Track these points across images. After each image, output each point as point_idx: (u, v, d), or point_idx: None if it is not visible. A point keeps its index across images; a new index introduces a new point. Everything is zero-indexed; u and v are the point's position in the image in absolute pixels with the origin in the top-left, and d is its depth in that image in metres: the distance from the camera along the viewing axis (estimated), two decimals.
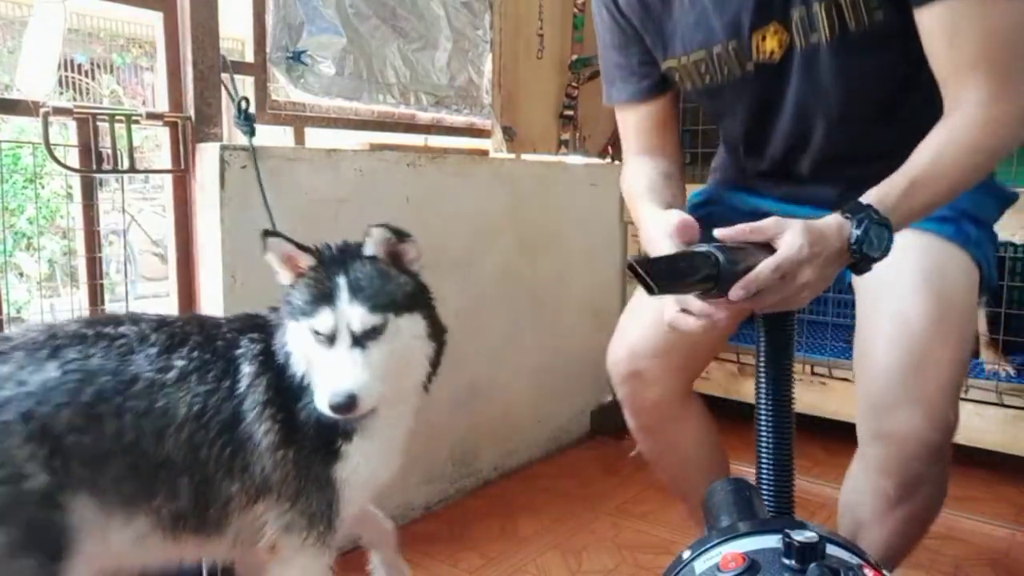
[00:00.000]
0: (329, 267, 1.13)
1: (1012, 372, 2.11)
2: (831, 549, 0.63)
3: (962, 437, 2.02)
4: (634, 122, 1.26)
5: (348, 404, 1.04)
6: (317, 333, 1.09)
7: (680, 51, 1.14)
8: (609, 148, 2.64)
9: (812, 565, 0.60)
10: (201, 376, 1.10)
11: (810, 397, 2.21)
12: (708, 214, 1.31)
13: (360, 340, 1.08)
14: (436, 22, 2.16)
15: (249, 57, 1.76)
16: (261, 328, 1.18)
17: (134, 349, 1.08)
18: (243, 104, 1.58)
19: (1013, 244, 2.16)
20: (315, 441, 1.14)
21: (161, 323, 1.14)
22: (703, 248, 0.83)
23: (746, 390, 2.39)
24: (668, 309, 0.95)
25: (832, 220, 0.87)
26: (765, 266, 0.82)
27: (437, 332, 1.19)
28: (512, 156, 2.33)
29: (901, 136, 1.00)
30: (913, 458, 1.02)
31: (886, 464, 1.05)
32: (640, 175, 1.21)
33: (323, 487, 1.15)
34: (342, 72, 1.93)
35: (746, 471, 0.99)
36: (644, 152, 1.25)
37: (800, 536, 0.61)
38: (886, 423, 1.03)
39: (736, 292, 0.82)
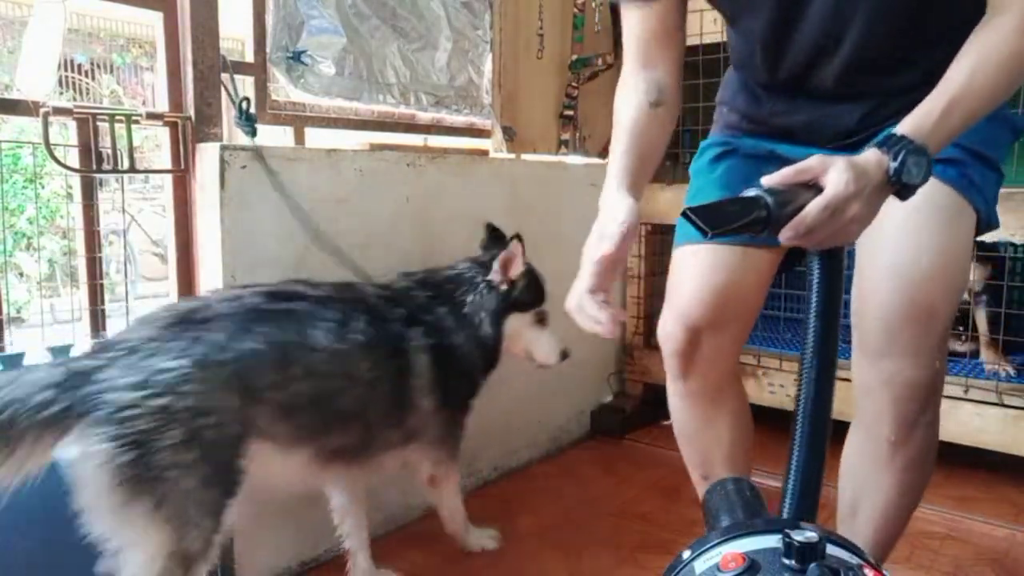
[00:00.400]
0: (532, 270, 1.67)
1: (1012, 372, 2.11)
2: (831, 549, 0.63)
3: (962, 437, 2.03)
4: (638, 23, 1.19)
5: (566, 354, 1.71)
6: (542, 318, 1.68)
7: None
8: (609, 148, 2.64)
9: (812, 565, 0.60)
10: (375, 351, 1.40)
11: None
12: (729, 168, 1.30)
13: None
14: (436, 22, 2.16)
15: (249, 57, 1.76)
16: (423, 320, 1.53)
17: (313, 324, 1.34)
18: (244, 104, 1.58)
19: (1013, 244, 2.16)
20: (461, 402, 1.62)
21: (327, 299, 1.41)
22: (752, 192, 0.84)
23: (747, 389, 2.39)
24: (570, 300, 1.05)
25: (870, 155, 0.88)
26: (814, 206, 0.83)
27: None
28: (512, 156, 2.33)
29: (935, 41, 0.98)
30: (907, 401, 1.08)
31: (882, 410, 1.10)
32: (631, 100, 1.18)
33: (458, 432, 1.63)
34: (342, 72, 1.93)
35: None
36: (642, 64, 1.19)
37: (800, 536, 0.61)
38: (882, 370, 1.08)
39: (786, 234, 0.84)
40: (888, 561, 1.26)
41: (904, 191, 0.89)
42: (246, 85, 1.76)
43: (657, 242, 2.70)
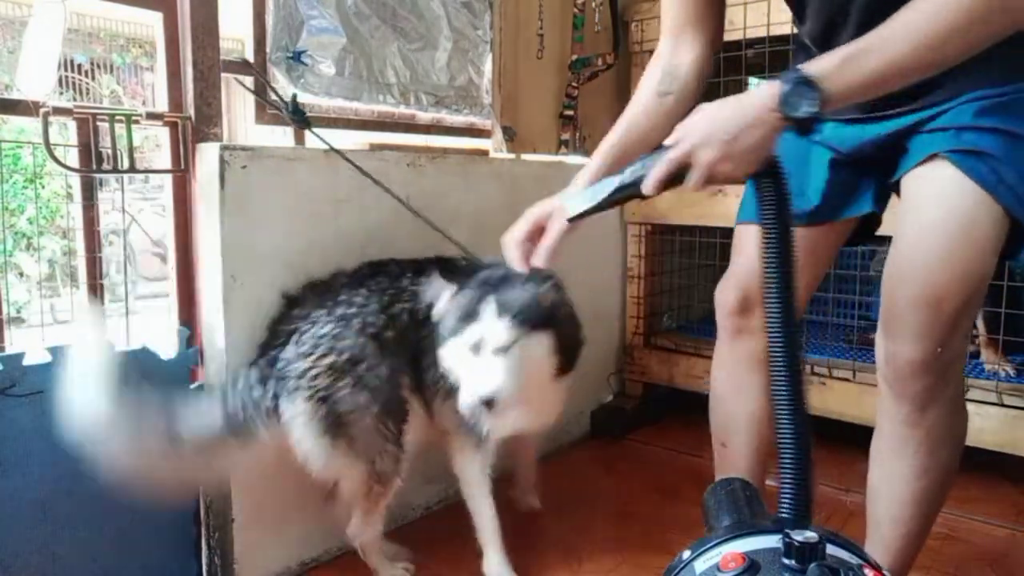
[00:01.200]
0: (478, 289, 1.41)
1: (1012, 372, 2.11)
2: (831, 549, 0.63)
3: None
4: None
5: (490, 403, 1.31)
6: (467, 345, 1.37)
7: None
8: None
9: (812, 566, 0.60)
10: (426, 315, 1.52)
11: (810, 397, 2.21)
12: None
13: (500, 351, 1.34)
14: (436, 22, 2.16)
15: (249, 57, 1.76)
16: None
17: (399, 278, 1.58)
18: (294, 98, 1.67)
19: None
20: None
21: (408, 263, 1.64)
22: (620, 175, 1.02)
23: None
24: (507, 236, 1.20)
25: (763, 87, 0.94)
26: (664, 159, 0.96)
27: (567, 347, 1.49)
28: (512, 156, 2.33)
29: None
30: (909, 380, 1.13)
31: (892, 391, 1.16)
32: (645, 84, 1.25)
33: None
34: (342, 72, 1.93)
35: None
36: (671, 42, 1.25)
37: (800, 536, 0.61)
38: (886, 349, 1.15)
39: (648, 190, 0.98)
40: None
41: (796, 125, 0.93)
42: (246, 85, 1.76)
43: (657, 242, 2.71)
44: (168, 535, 1.57)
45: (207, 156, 1.54)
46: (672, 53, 1.24)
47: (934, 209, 1.09)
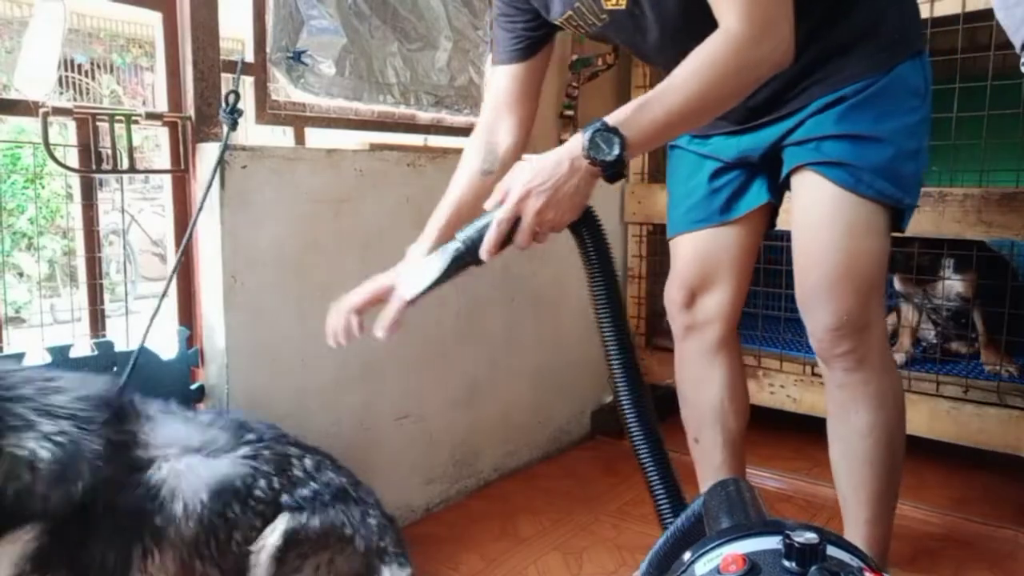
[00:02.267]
0: None
1: (1015, 372, 2.10)
2: (832, 551, 0.63)
3: (962, 438, 2.03)
4: (503, 79, 1.34)
5: None
6: None
7: (557, 14, 1.25)
8: None
9: (813, 568, 0.59)
10: None
11: (810, 398, 2.21)
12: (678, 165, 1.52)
13: None
14: (436, 22, 2.16)
15: (249, 57, 1.76)
16: None
17: None
18: (231, 98, 1.57)
19: (1016, 244, 2.16)
20: None
21: None
22: (452, 245, 1.02)
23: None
24: (339, 303, 1.19)
25: (572, 139, 1.00)
26: (495, 223, 0.99)
27: None
28: None
29: None
30: (830, 344, 1.30)
31: (823, 355, 1.33)
32: (467, 165, 1.33)
33: None
34: (342, 72, 1.93)
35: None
36: (492, 124, 1.34)
37: (801, 537, 0.61)
38: (811, 324, 1.32)
39: (484, 255, 1.00)
40: (888, 564, 1.26)
41: (604, 170, 0.99)
42: (246, 85, 1.75)
43: (657, 242, 2.70)
44: None
45: (207, 156, 1.54)
46: (492, 131, 1.34)
47: (814, 212, 1.29)
